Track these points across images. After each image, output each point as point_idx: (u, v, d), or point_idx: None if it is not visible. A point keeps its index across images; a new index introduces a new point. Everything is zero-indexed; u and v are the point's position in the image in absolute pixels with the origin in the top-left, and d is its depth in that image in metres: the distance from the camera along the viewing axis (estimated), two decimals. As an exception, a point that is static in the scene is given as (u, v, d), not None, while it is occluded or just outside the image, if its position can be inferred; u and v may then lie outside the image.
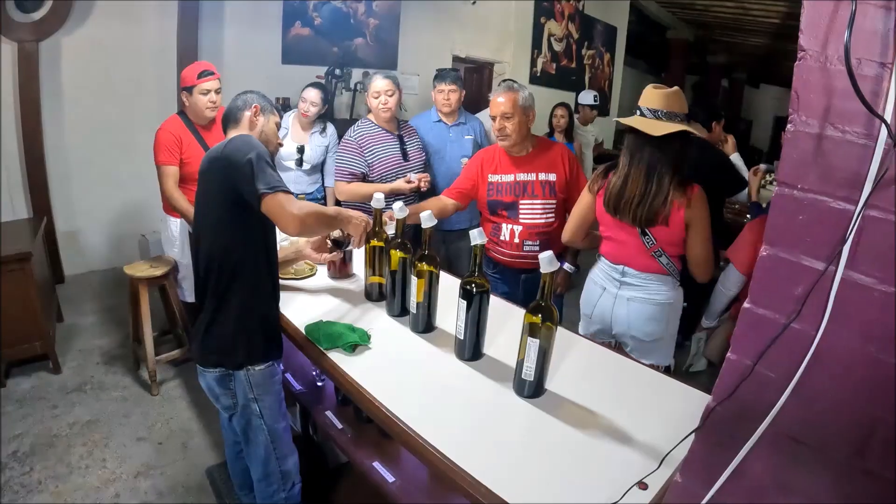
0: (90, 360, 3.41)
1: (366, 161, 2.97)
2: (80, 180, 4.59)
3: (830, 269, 0.77)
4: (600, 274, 2.30)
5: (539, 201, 2.53)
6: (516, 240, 2.57)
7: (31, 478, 2.42)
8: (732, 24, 9.34)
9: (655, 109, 1.98)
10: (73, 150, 4.49)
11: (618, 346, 2.31)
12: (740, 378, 0.87)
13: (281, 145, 2.00)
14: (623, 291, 2.21)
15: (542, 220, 2.55)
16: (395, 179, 2.97)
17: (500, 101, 2.42)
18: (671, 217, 2.02)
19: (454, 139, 3.39)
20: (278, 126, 1.94)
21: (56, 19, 4.11)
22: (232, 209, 1.64)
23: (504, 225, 2.59)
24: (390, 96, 2.93)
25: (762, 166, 2.47)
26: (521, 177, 2.54)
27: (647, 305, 2.18)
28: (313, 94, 3.57)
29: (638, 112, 2.03)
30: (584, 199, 2.29)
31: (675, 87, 2.02)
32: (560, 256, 2.57)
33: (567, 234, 2.40)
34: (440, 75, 3.44)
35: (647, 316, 2.19)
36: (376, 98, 2.93)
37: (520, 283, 2.68)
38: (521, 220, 2.55)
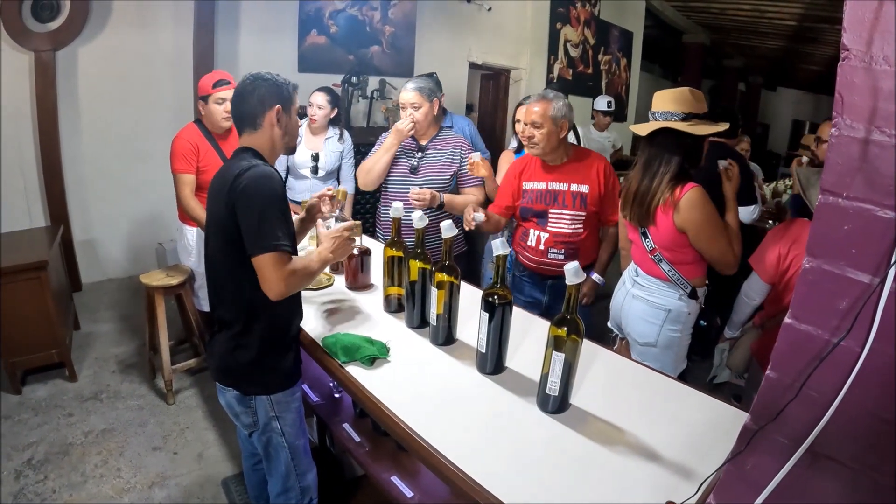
0: (106, 369, 3.41)
1: None
2: (97, 188, 4.64)
3: (876, 282, 0.73)
4: (627, 271, 2.37)
5: (568, 212, 2.49)
6: (541, 246, 2.53)
7: (46, 486, 2.42)
8: (748, 27, 9.24)
9: (655, 112, 2.07)
10: (90, 159, 4.54)
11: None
12: (781, 396, 0.83)
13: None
14: (634, 289, 2.27)
15: (569, 230, 2.50)
16: (399, 190, 2.78)
17: (535, 109, 2.40)
18: (657, 217, 2.06)
19: None
20: (300, 115, 1.85)
21: (72, 29, 4.17)
22: (242, 247, 1.54)
23: (532, 231, 2.57)
24: (416, 109, 2.66)
25: (804, 159, 2.45)
26: (553, 186, 2.51)
27: (643, 305, 2.22)
28: (319, 98, 3.56)
29: (651, 118, 2.09)
30: None
31: (682, 88, 2.06)
32: (589, 267, 2.58)
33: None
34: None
35: (640, 315, 2.24)
36: (403, 111, 2.70)
37: (546, 288, 2.66)
38: (549, 228, 2.52)
